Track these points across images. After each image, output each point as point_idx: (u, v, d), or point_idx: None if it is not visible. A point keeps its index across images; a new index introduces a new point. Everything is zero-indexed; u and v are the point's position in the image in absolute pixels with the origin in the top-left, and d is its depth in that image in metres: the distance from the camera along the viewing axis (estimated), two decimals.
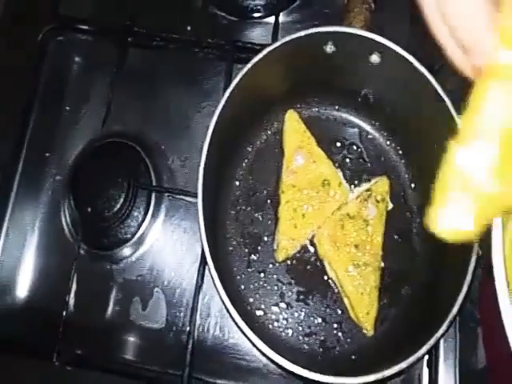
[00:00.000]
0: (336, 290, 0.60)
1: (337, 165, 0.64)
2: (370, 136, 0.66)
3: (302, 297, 0.61)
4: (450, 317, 0.47)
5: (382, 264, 0.59)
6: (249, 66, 0.56)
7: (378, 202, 0.60)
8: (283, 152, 0.63)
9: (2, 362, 0.63)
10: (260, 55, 0.56)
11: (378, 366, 0.50)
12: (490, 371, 0.65)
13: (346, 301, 0.58)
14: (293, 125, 0.63)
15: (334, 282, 0.60)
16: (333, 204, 0.60)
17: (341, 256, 0.58)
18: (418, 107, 0.58)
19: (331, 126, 0.66)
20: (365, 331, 0.57)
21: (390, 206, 0.62)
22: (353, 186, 0.63)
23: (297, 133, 0.62)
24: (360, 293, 0.56)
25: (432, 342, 0.46)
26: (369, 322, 0.56)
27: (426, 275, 0.59)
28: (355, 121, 0.66)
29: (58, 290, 0.65)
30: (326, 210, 0.60)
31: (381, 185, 0.61)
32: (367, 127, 0.66)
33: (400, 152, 0.64)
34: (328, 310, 0.60)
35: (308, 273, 0.61)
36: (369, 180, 0.63)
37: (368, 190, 0.61)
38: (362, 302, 0.56)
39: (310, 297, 0.61)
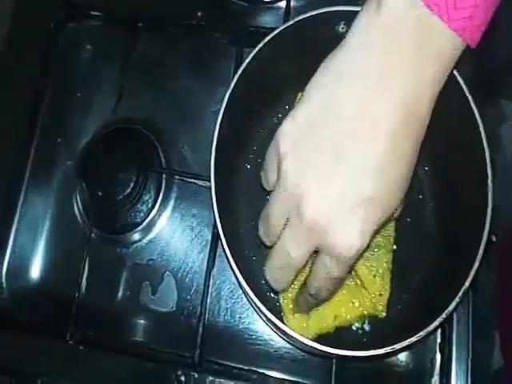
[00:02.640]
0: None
1: None
2: None
3: None
4: (461, 291, 0.47)
5: (395, 247, 0.59)
6: (259, 47, 0.55)
7: None
8: None
9: (17, 341, 0.63)
10: (270, 36, 0.55)
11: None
12: (506, 373, 0.65)
13: (358, 282, 0.58)
14: None
15: None
16: None
17: None
18: None
19: None
20: (377, 313, 0.56)
21: None
22: None
23: None
24: (372, 275, 0.56)
25: (444, 315, 0.46)
26: (381, 303, 0.56)
27: (439, 257, 0.58)
28: None
29: (70, 273, 0.66)
30: None
31: None
32: None
33: None
34: None
35: None
36: None
37: None
38: (375, 284, 0.56)
39: None
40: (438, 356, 0.59)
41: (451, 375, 0.56)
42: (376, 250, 0.56)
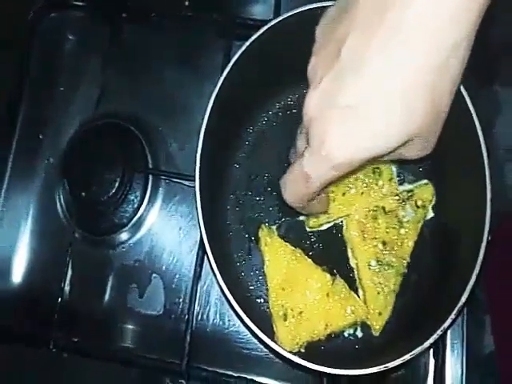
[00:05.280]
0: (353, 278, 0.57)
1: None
2: None
3: None
4: (458, 307, 0.45)
5: (406, 271, 0.56)
6: (248, 42, 0.53)
7: (417, 207, 0.57)
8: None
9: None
10: (260, 31, 0.53)
11: (382, 356, 0.48)
12: (498, 355, 0.64)
13: (360, 292, 0.56)
14: None
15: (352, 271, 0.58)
16: (377, 194, 0.57)
17: (366, 247, 0.56)
18: None
19: None
20: (372, 331, 0.55)
21: (431, 214, 0.58)
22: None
23: None
24: (377, 291, 0.54)
25: (439, 332, 0.44)
26: (379, 323, 0.54)
27: (435, 262, 0.56)
28: None
29: (53, 276, 0.64)
30: (368, 197, 0.57)
31: (425, 191, 0.58)
32: None
33: None
34: None
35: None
36: (413, 181, 0.59)
37: (410, 191, 0.58)
38: (377, 301, 0.54)
39: None
40: (432, 360, 0.58)
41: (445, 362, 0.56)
42: (387, 268, 0.55)
